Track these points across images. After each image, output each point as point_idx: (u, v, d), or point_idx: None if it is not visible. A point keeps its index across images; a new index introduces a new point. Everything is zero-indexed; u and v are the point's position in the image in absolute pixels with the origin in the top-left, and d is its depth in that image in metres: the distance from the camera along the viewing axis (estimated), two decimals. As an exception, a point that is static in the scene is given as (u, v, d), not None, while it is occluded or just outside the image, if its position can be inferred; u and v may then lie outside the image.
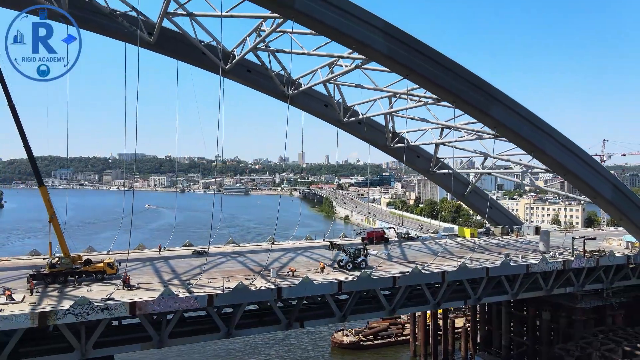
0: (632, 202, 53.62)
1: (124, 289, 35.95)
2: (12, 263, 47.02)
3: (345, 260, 44.70)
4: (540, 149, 47.76)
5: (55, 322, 30.79)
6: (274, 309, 39.89)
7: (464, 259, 50.53)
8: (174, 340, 37.74)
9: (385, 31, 39.14)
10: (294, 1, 35.95)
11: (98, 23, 48.62)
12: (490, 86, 43.88)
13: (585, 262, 52.07)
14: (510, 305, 64.32)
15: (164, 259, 49.10)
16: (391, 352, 76.76)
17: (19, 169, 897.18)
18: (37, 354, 33.38)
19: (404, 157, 61.73)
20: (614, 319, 58.64)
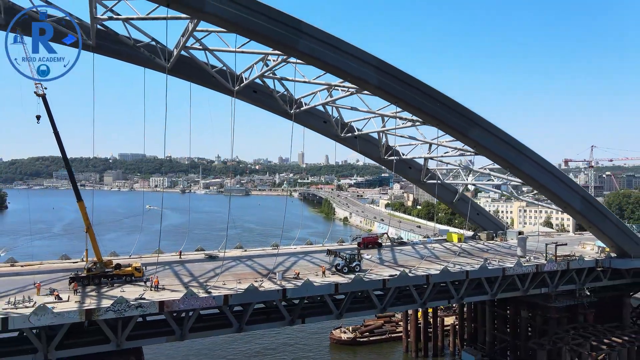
0: (600, 212, 59.61)
1: (151, 290, 41.92)
2: (46, 267, 52.84)
3: (342, 264, 50.72)
4: (515, 166, 53.85)
5: (98, 317, 36.78)
6: (279, 307, 45.91)
7: (448, 262, 56.61)
8: (193, 334, 43.83)
9: (377, 67, 45.16)
10: (297, 43, 41.99)
11: (122, 52, 54.52)
12: (470, 112, 49.90)
13: (556, 266, 58.11)
14: (494, 305, 70.41)
15: (180, 263, 55.05)
16: (385, 348, 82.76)
17: (20, 169, 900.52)
18: (79, 345, 39.28)
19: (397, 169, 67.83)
20: (585, 317, 64.65)
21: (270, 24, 40.51)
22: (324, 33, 42.79)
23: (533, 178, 54.71)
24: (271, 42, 42.53)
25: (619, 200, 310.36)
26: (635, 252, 61.15)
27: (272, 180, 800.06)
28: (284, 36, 41.34)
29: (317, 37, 42.45)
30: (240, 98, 62.37)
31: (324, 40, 42.87)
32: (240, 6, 39.07)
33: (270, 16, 40.43)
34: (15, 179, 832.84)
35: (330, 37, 43.14)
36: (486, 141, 50.87)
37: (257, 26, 40.07)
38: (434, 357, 78.90)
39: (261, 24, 40.09)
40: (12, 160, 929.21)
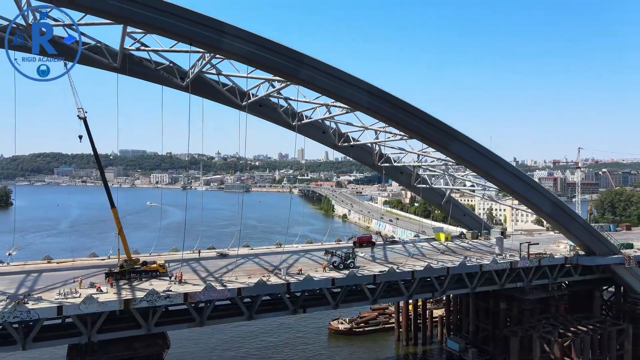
0: (568, 215, 66.77)
1: (176, 284, 49.13)
2: (78, 263, 60.02)
3: (338, 262, 57.94)
4: (491, 175, 60.98)
5: (134, 306, 44.00)
6: (284, 298, 53.17)
7: (432, 260, 63.94)
8: (210, 321, 51.13)
9: (368, 91, 52.17)
10: (299, 72, 49.03)
11: (144, 73, 61.40)
12: (450, 128, 56.92)
13: (529, 262, 65.37)
14: (477, 298, 77.59)
15: (196, 260, 62.18)
16: (379, 338, 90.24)
17: (21, 165, 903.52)
18: (115, 330, 46.47)
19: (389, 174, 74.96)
20: (557, 308, 72.05)
21: (276, 57, 47.56)
22: (322, 63, 49.79)
23: (507, 185, 61.93)
24: (277, 72, 49.71)
25: (611, 197, 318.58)
26: (600, 250, 68.39)
27: (272, 176, 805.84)
28: (288, 67, 48.40)
29: (316, 67, 49.45)
30: (247, 112, 69.43)
31: (322, 69, 49.87)
32: (251, 44, 46.10)
33: (277, 51, 47.45)
34: (16, 175, 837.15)
35: (328, 67, 50.15)
36: (465, 153, 58.00)
37: (266, 60, 47.15)
38: (423, 346, 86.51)
39: (269, 58, 47.13)
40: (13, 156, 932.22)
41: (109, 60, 57.29)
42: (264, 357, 78.63)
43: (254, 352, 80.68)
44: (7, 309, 39.29)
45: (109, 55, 57.09)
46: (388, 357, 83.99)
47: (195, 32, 44.03)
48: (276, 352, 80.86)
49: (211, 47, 46.15)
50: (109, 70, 58.72)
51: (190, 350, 78.89)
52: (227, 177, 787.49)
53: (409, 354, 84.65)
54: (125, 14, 41.77)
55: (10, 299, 41.95)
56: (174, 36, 45.83)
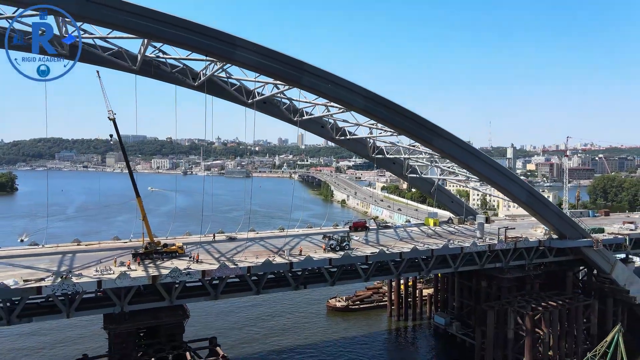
0: (542, 203, 74.10)
1: (194, 263, 56.67)
2: (104, 245, 67.47)
3: (334, 244, 65.43)
4: (470, 167, 68.15)
5: (160, 281, 51.57)
6: (287, 276, 60.78)
7: (418, 242, 71.59)
8: (223, 295, 58.73)
9: (364, 95, 59.00)
10: (301, 79, 55.84)
11: (160, 75, 68.09)
12: (434, 125, 63.80)
13: (505, 245, 72.96)
14: (461, 277, 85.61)
15: (208, 243, 69.60)
16: (373, 314, 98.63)
17: (22, 150, 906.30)
18: (143, 302, 54.08)
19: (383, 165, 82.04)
20: (532, 286, 79.86)
21: (281, 66, 54.34)
22: (322, 70, 56.51)
23: (485, 175, 69.17)
24: (281, 78, 56.69)
25: (603, 183, 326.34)
26: (571, 234, 75.89)
27: (272, 161, 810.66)
28: (291, 74, 55.21)
29: (316, 73, 56.18)
30: (252, 108, 76.30)
31: (322, 75, 56.62)
32: (259, 54, 52.78)
33: (282, 60, 54.17)
34: (18, 160, 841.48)
35: (327, 74, 56.89)
36: (446, 148, 65.06)
37: (272, 68, 53.97)
38: (412, 321, 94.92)
39: (274, 67, 53.93)
40: (14, 141, 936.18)
41: (129, 63, 63.90)
42: (269, 332, 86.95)
43: (259, 327, 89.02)
44: (56, 284, 46.84)
45: (129, 60, 63.74)
46: (381, 331, 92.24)
47: (210, 46, 50.78)
48: (279, 328, 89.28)
49: (224, 57, 53.01)
50: (129, 72, 65.41)
51: (206, 320, 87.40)
52: (228, 162, 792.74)
53: (399, 328, 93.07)
54: (150, 31, 48.57)
55: (56, 275, 49.52)
56: (192, 49, 52.75)
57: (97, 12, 45.26)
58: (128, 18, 46.80)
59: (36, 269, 52.85)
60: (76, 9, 44.63)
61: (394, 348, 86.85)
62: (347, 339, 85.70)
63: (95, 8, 44.82)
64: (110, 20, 47.16)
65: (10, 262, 55.94)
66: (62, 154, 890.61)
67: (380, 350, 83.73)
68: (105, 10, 45.46)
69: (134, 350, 52.39)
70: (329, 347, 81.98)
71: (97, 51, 60.68)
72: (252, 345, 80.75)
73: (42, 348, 79.29)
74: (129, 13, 46.64)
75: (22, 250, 63.54)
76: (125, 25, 47.91)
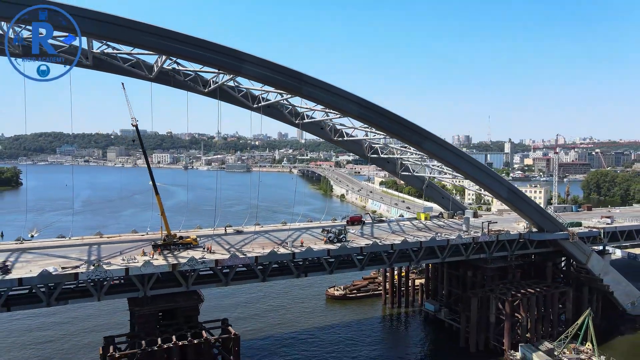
0: (522, 199, 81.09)
1: (207, 253, 63.71)
2: (124, 238, 74.45)
3: (332, 237, 72.45)
4: (456, 167, 75.14)
5: (178, 269, 58.62)
6: (290, 265, 67.84)
7: (408, 235, 78.66)
8: (233, 282, 65.79)
9: (358, 103, 65.77)
10: (301, 89, 62.71)
11: (174, 82, 74.74)
12: (423, 130, 70.64)
13: (488, 237, 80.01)
14: (450, 268, 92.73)
15: (218, 235, 76.66)
16: (368, 302, 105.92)
17: (24, 144, 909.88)
18: (163, 287, 61.08)
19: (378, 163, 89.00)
20: (514, 275, 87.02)
21: (284, 78, 61.19)
22: (320, 81, 63.29)
23: (470, 175, 76.19)
24: (284, 88, 63.47)
25: (596, 178, 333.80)
26: (549, 228, 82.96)
27: (272, 156, 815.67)
28: (294, 85, 62.10)
29: (315, 84, 63.01)
30: (258, 112, 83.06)
31: (320, 86, 63.45)
32: (264, 68, 59.61)
33: (284, 72, 60.99)
34: (19, 155, 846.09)
35: (325, 84, 63.70)
36: (435, 150, 72.02)
37: (276, 80, 60.84)
38: (405, 308, 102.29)
39: (278, 79, 60.79)
40: (15, 136, 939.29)
41: (146, 72, 70.61)
42: (274, 318, 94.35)
43: (264, 313, 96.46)
44: (90, 271, 53.91)
45: (146, 69, 70.42)
46: (376, 317, 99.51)
47: (222, 61, 57.68)
48: (283, 314, 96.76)
49: (234, 71, 59.85)
50: (145, 80, 72.11)
51: (219, 303, 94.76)
52: (228, 156, 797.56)
53: (393, 315, 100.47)
54: (169, 49, 55.47)
55: (88, 264, 56.60)
56: (206, 64, 59.58)
57: (124, 34, 52.18)
58: (150, 39, 53.72)
59: (69, 258, 59.89)
60: (106, 32, 51.79)
61: (387, 332, 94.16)
62: (344, 324, 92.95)
63: (123, 31, 51.75)
64: (135, 41, 54.11)
65: (45, 252, 63.08)
66: (63, 149, 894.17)
67: (375, 334, 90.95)
68: (131, 33, 52.33)
69: (156, 329, 59.41)
70: (328, 332, 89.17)
71: (119, 62, 67.46)
72: (259, 329, 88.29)
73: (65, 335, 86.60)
74: (151, 34, 53.54)
75: (53, 242, 70.57)
76: (147, 45, 54.97)
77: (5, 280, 50.57)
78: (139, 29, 52.37)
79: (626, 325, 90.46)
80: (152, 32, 53.51)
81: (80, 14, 48.11)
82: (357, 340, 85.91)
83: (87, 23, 48.96)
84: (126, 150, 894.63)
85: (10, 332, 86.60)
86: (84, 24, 48.53)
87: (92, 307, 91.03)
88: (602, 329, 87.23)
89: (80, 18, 47.82)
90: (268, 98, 77.40)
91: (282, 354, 79.34)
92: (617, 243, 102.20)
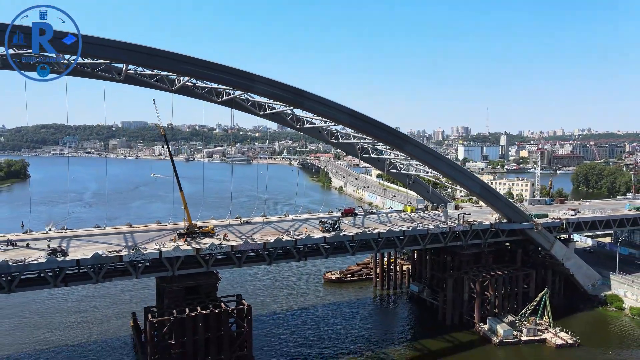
0: (493, 194, 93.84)
1: (224, 240, 76.41)
2: (150, 227, 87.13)
3: (328, 226, 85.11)
4: (434, 167, 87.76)
5: (202, 253, 71.32)
6: (292, 250, 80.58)
7: (393, 225, 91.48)
8: (245, 264, 78.52)
9: (350, 114, 78.21)
10: (303, 104, 75.20)
11: (191, 93, 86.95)
12: (404, 135, 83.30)
13: (463, 227, 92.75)
14: (432, 254, 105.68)
15: (230, 226, 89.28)
16: (361, 285, 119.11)
17: (26, 137, 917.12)
18: (186, 268, 73.77)
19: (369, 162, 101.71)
20: (487, 260, 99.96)
21: (289, 95, 73.60)
22: (318, 96, 75.61)
23: (447, 173, 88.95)
24: (288, 103, 75.91)
25: (585, 171, 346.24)
26: (516, 219, 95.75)
27: (272, 148, 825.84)
28: (296, 100, 74.53)
29: (313, 99, 75.39)
30: (265, 119, 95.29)
31: (318, 100, 75.85)
32: (272, 87, 71.98)
33: (289, 90, 73.34)
34: (22, 147, 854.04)
35: (321, 98, 76.07)
36: (414, 152, 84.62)
37: (282, 97, 73.37)
38: (393, 290, 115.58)
39: (284, 95, 73.20)
40: (18, 127, 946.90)
41: (168, 85, 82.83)
42: (277, 298, 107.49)
43: (269, 294, 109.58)
44: (131, 253, 66.65)
45: (168, 83, 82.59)
46: (367, 298, 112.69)
47: (237, 82, 70.19)
48: (286, 293, 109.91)
49: (246, 90, 72.28)
50: (167, 92, 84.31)
51: (233, 282, 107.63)
52: (229, 148, 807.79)
53: (383, 296, 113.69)
54: (191, 73, 67.90)
55: (127, 248, 69.33)
56: (223, 84, 71.87)
57: (154, 62, 64.56)
58: (174, 65, 66.13)
59: (110, 244, 72.56)
60: (142, 61, 64.20)
61: (377, 310, 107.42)
62: (339, 303, 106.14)
63: (154, 60, 64.17)
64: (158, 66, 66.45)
65: (88, 239, 75.85)
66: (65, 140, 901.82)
67: (367, 312, 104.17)
68: (159, 61, 64.74)
69: (182, 302, 72.23)
70: (325, 310, 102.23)
71: (147, 79, 79.62)
72: (266, 304, 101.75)
73: (94, 308, 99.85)
74: (174, 61, 65.86)
75: (91, 230, 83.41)
76: (172, 69, 67.32)
77: (66, 261, 63.30)
78: (171, 58, 64.71)
79: (585, 303, 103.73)
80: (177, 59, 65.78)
81: (113, 45, 60.65)
82: (350, 316, 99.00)
83: (117, 53, 61.54)
84: (127, 142, 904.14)
85: (49, 309, 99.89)
86: (115, 53, 61.25)
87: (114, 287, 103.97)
88: (564, 307, 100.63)
89: (113, 49, 60.44)
90: (273, 106, 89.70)
91: (286, 324, 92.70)
92: (582, 233, 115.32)
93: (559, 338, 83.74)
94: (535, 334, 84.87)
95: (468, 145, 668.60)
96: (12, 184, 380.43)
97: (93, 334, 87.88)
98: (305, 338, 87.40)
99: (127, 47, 62.03)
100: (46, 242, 71.33)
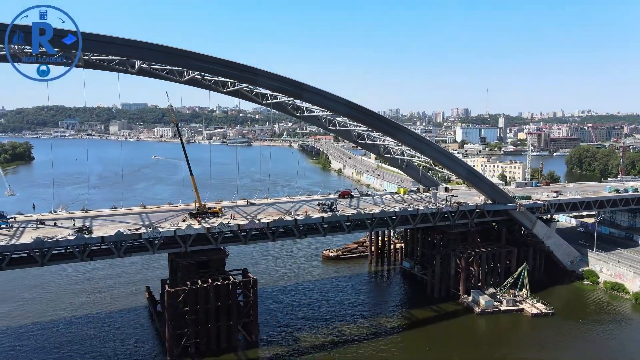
0: (479, 177, 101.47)
1: (231, 220, 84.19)
2: (163, 208, 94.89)
3: (326, 207, 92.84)
4: (424, 152, 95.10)
5: (211, 231, 79.14)
6: (293, 229, 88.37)
7: (385, 206, 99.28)
8: (250, 242, 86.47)
9: (346, 104, 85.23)
10: (302, 96, 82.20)
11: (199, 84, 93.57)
12: (396, 124, 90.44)
13: (450, 208, 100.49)
14: (423, 232, 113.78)
15: (236, 207, 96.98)
16: (358, 262, 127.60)
17: (26, 118, 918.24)
18: (197, 245, 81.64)
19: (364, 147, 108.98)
20: (473, 239, 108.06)
21: (290, 87, 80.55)
22: (316, 89, 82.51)
23: (435, 158, 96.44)
24: (289, 94, 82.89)
25: (579, 153, 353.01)
26: (500, 200, 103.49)
27: (272, 130, 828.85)
28: (296, 92, 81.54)
29: (312, 91, 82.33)
30: (268, 107, 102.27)
31: (316, 92, 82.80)
32: (275, 80, 78.88)
33: (290, 83, 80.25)
34: (23, 129, 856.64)
35: (320, 91, 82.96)
36: (406, 140, 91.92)
37: (284, 90, 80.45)
38: (387, 266, 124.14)
39: (285, 88, 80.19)
40: (18, 109, 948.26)
41: (177, 77, 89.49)
42: (279, 274, 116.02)
43: (272, 270, 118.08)
44: (149, 231, 74.50)
45: (178, 75, 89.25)
46: (363, 274, 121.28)
47: (241, 76, 77.15)
48: (285, 270, 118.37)
49: (250, 83, 79.20)
50: (176, 82, 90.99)
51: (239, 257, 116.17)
52: (229, 130, 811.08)
53: (377, 271, 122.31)
54: (201, 69, 74.72)
55: (145, 227, 77.15)
56: (229, 78, 78.73)
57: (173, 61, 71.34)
58: (187, 62, 72.96)
59: (128, 223, 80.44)
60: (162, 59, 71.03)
61: (372, 285, 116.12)
62: (337, 278, 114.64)
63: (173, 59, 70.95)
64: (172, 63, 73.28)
65: (108, 219, 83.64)
66: (65, 122, 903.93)
67: (363, 286, 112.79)
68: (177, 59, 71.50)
69: (194, 275, 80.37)
70: (324, 285, 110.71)
71: (158, 72, 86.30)
72: (270, 278, 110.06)
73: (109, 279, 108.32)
74: (187, 58, 72.70)
75: (109, 211, 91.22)
76: (185, 66, 74.11)
77: (92, 238, 71.21)
78: (184, 55, 71.49)
79: (564, 278, 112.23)
80: (190, 57, 72.70)
81: (129, 44, 67.36)
82: (347, 290, 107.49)
83: (129, 50, 68.23)
84: (128, 124, 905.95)
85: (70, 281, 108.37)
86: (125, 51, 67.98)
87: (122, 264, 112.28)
88: (545, 281, 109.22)
89: (127, 47, 67.16)
90: (276, 97, 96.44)
91: (287, 295, 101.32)
92: (565, 213, 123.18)
93: (534, 308, 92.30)
94: (514, 304, 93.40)
95: (467, 127, 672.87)
96: (17, 166, 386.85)
97: (111, 308, 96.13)
98: (304, 307, 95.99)
99: (131, 43, 68.54)
100: (71, 221, 79.10)
